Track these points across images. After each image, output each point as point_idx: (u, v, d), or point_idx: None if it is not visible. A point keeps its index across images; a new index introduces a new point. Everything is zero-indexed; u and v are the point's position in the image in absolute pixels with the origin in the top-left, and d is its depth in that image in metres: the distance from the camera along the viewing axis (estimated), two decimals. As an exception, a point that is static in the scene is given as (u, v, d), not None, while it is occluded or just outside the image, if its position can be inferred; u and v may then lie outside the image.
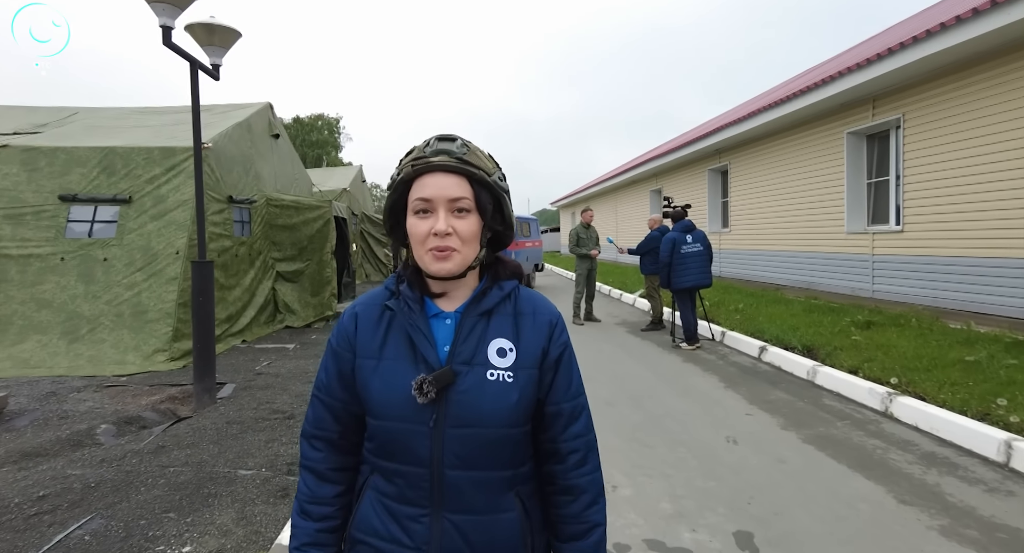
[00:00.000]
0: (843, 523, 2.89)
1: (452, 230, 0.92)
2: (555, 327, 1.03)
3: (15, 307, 6.18)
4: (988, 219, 6.84)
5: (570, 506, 1.01)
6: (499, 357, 0.96)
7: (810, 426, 4.33)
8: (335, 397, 1.01)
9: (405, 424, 0.92)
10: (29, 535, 2.54)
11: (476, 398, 0.93)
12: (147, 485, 3.09)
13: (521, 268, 1.08)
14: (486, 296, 0.99)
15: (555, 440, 1.01)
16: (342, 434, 1.02)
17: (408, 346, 0.96)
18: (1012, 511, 2.95)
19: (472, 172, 0.93)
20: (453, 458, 0.92)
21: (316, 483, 1.02)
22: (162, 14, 4.18)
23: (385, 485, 0.96)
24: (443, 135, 0.97)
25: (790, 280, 11.21)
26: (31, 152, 6.75)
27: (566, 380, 1.02)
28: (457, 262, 0.93)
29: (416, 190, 0.93)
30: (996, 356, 5.03)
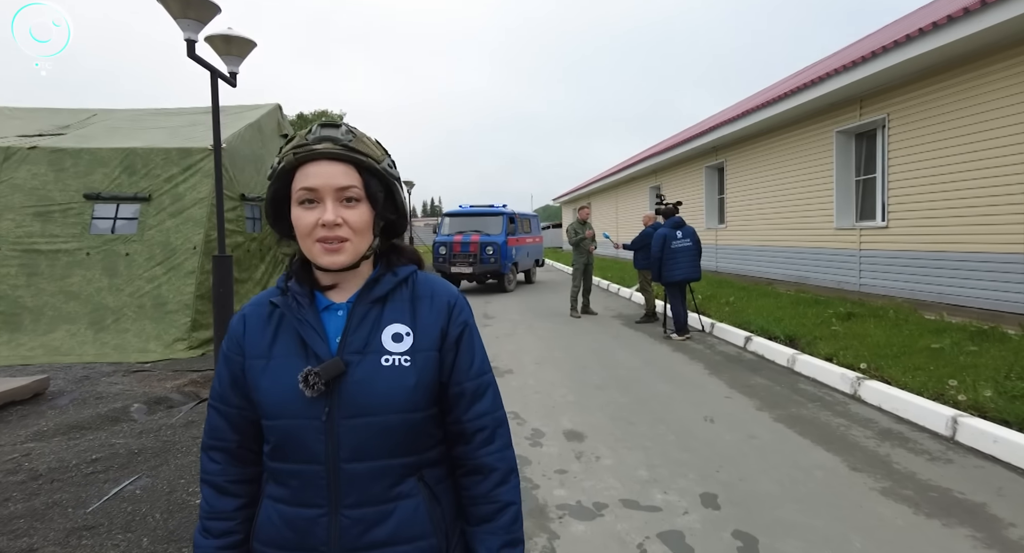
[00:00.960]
0: (798, 486, 3.27)
1: (342, 220, 0.88)
2: (454, 307, 1.00)
3: (46, 299, 6.61)
4: (965, 216, 7.17)
5: (478, 486, 0.99)
6: (395, 342, 0.94)
7: (783, 407, 4.71)
8: (230, 404, 0.97)
9: (297, 420, 0.90)
10: (90, 488, 2.95)
11: (370, 386, 0.91)
12: (182, 452, 3.50)
13: (419, 254, 1.07)
14: (379, 283, 0.97)
15: (459, 420, 0.99)
16: (240, 443, 0.98)
17: (298, 342, 0.93)
18: (947, 475, 3.33)
19: (360, 159, 0.90)
20: (349, 450, 0.90)
21: (215, 497, 0.97)
22: (187, 29, 4.57)
23: (279, 490, 0.93)
24: (326, 122, 0.93)
25: (782, 274, 11.56)
26: (58, 153, 7.17)
27: (467, 359, 1.00)
28: (350, 253, 0.90)
29: (300, 179, 0.89)
30: (960, 343, 5.40)
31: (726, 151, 13.84)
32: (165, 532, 2.58)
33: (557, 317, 9.66)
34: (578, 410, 4.66)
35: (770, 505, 3.04)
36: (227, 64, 5.36)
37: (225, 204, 7.29)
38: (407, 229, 1.08)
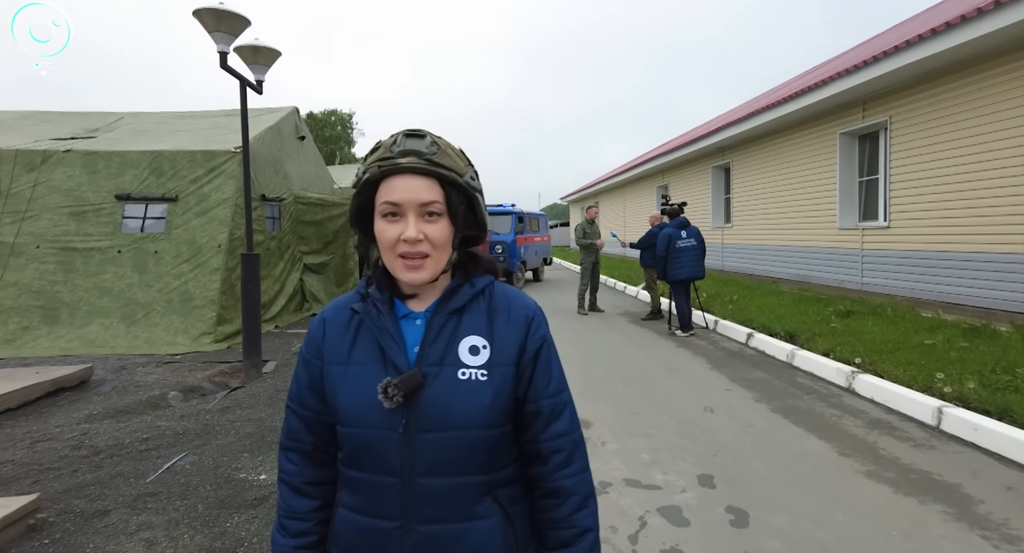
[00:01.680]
0: (789, 469, 3.54)
1: (423, 236, 0.88)
2: (532, 321, 0.99)
3: (81, 294, 6.97)
4: (963, 217, 7.38)
5: (557, 510, 0.96)
6: (471, 355, 0.92)
7: (780, 399, 4.97)
8: (307, 407, 0.98)
9: (374, 430, 0.89)
10: (144, 463, 3.28)
11: (447, 400, 0.89)
12: (222, 434, 3.82)
13: (495, 264, 1.05)
14: (456, 294, 0.96)
15: (536, 440, 0.97)
16: (316, 446, 0.98)
17: (377, 350, 0.93)
18: (928, 460, 3.59)
19: (443, 174, 0.89)
20: (424, 465, 0.89)
21: (293, 497, 0.99)
22: (220, 42, 4.89)
23: (353, 499, 0.93)
24: (411, 131, 0.92)
25: (786, 273, 11.78)
26: (91, 156, 7.53)
27: (545, 376, 0.98)
28: (430, 270, 0.90)
29: (383, 192, 0.89)
30: (952, 340, 5.63)
31: (732, 152, 14.04)
32: (216, 500, 2.89)
33: (565, 314, 9.93)
34: (586, 400, 4.94)
35: (762, 485, 3.31)
36: (254, 73, 5.67)
37: (248, 204, 7.65)
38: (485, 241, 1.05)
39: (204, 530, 2.61)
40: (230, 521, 2.70)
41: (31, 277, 6.98)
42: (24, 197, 7.27)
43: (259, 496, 2.96)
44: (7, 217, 7.16)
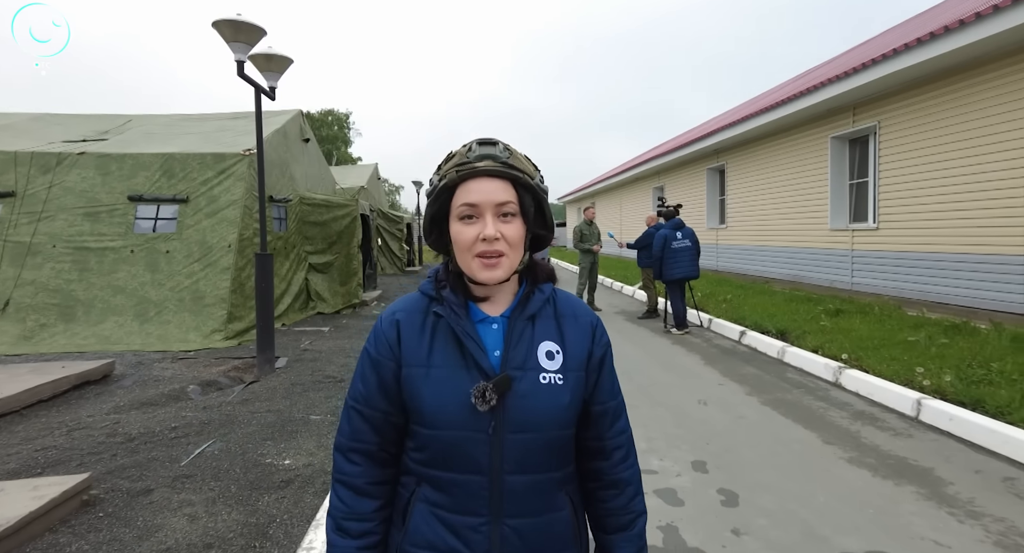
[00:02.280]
0: (777, 456, 3.79)
1: (500, 235, 0.92)
2: (596, 328, 1.05)
3: (96, 292, 7.19)
4: (947, 219, 7.67)
5: (616, 499, 1.04)
6: (548, 360, 0.97)
7: (770, 393, 5.23)
8: (375, 408, 0.99)
9: (463, 432, 0.92)
10: (176, 449, 3.52)
11: (532, 402, 0.94)
12: (244, 424, 4.06)
13: (554, 270, 1.09)
14: (530, 300, 1.00)
15: (601, 437, 1.04)
16: (381, 446, 1.01)
17: (458, 353, 0.96)
18: (906, 447, 3.85)
19: (517, 176, 0.94)
20: (512, 464, 0.93)
21: (354, 498, 1.00)
22: (238, 51, 5.12)
23: (437, 496, 0.96)
24: (484, 139, 0.97)
25: (779, 273, 12.07)
26: (104, 158, 7.74)
27: (610, 380, 1.05)
28: (506, 268, 0.94)
29: (461, 196, 0.94)
30: (933, 337, 5.91)
31: (727, 154, 14.33)
32: (246, 482, 3.13)
33: (564, 313, 10.15)
34: (585, 394, 5.18)
35: (751, 470, 3.57)
36: (267, 80, 5.90)
37: (254, 205, 7.88)
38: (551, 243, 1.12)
39: (239, 507, 2.85)
40: (261, 500, 2.94)
41: (47, 276, 7.19)
42: (40, 198, 7.48)
43: (285, 479, 3.19)
44: (24, 217, 7.37)
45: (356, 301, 10.08)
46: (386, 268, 18.64)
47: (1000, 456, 3.64)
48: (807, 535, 2.79)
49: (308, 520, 2.72)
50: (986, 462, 3.57)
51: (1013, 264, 6.71)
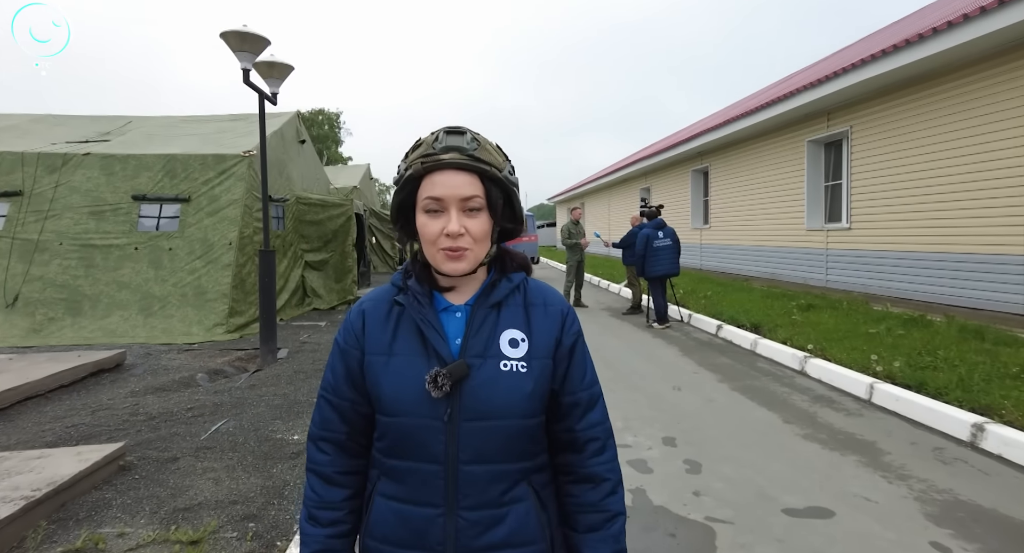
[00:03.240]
0: (740, 434, 4.20)
1: (464, 230, 0.91)
2: (567, 316, 1.03)
3: (101, 288, 7.49)
4: (911, 220, 8.15)
5: (588, 494, 1.01)
6: (511, 348, 0.96)
7: (740, 380, 5.65)
8: (343, 397, 1.00)
9: (419, 419, 0.92)
10: (194, 427, 3.87)
11: (491, 390, 0.93)
12: (254, 405, 4.41)
13: (528, 260, 1.08)
14: (496, 288, 1.00)
15: (572, 429, 1.01)
16: (350, 435, 1.01)
17: (419, 341, 0.96)
18: (855, 425, 4.28)
19: (483, 169, 0.92)
20: (469, 452, 0.92)
21: (324, 487, 1.00)
22: (244, 60, 5.46)
23: (395, 488, 0.96)
24: (451, 128, 0.95)
25: (758, 271, 12.54)
26: (108, 159, 8.04)
27: (581, 369, 1.02)
28: (470, 261, 0.93)
29: (426, 188, 0.92)
30: (892, 329, 6.36)
31: (710, 156, 14.80)
32: (261, 453, 3.49)
33: (552, 309, 10.55)
34: (569, 381, 5.57)
35: (716, 445, 3.97)
36: (270, 86, 6.25)
37: (254, 205, 8.21)
38: (521, 234, 1.12)
39: (256, 473, 3.21)
40: (276, 468, 3.30)
41: (55, 272, 7.48)
42: (47, 197, 7.76)
43: (295, 451, 3.55)
44: (31, 215, 7.65)
45: (351, 297, 10.42)
46: (378, 267, 18.94)
47: (935, 430, 4.08)
48: (758, 496, 3.19)
49: (318, 484, 3.08)
50: (922, 436, 4.01)
51: (967, 262, 7.19)
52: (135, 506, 2.76)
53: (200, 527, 2.57)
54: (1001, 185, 6.72)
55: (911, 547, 2.62)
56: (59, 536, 2.48)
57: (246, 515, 2.73)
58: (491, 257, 1.00)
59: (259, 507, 2.82)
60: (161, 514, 2.70)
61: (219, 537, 2.52)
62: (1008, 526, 2.78)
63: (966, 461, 3.56)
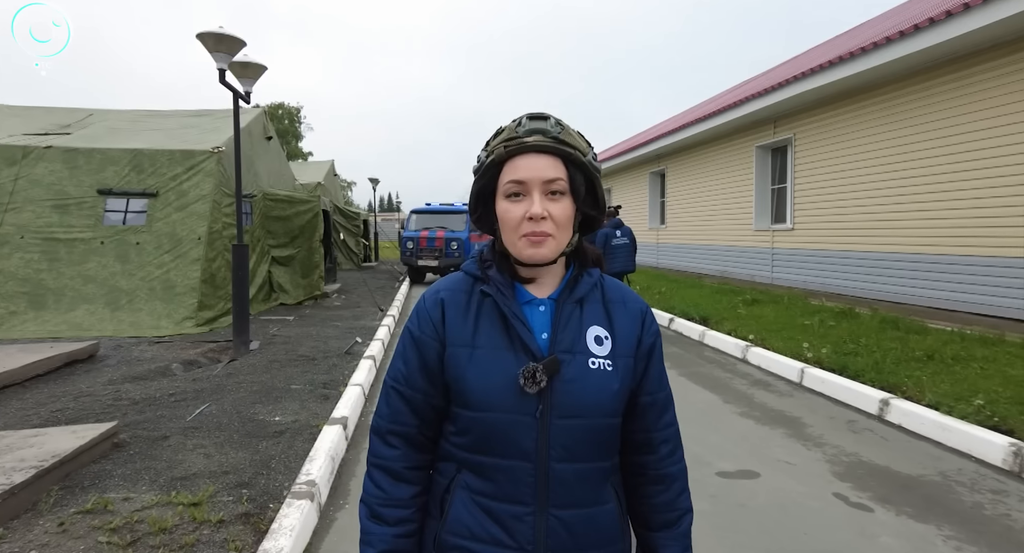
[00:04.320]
0: (683, 412, 4.57)
1: (547, 214, 0.89)
2: (646, 315, 1.01)
3: (66, 281, 7.47)
4: (844, 220, 8.87)
5: (662, 495, 1.01)
6: (597, 345, 0.94)
7: (687, 367, 6.15)
8: (416, 389, 0.97)
9: (509, 415, 0.89)
10: (178, 410, 4.08)
11: (581, 387, 0.91)
12: (233, 391, 4.64)
13: (602, 256, 1.07)
14: (579, 283, 0.97)
15: (648, 430, 1.00)
16: (420, 429, 0.98)
17: (504, 334, 0.93)
18: (786, 404, 4.80)
19: (568, 152, 0.90)
20: (560, 450, 0.90)
21: (391, 483, 0.97)
22: (220, 60, 5.64)
23: (480, 483, 0.93)
24: (535, 114, 0.93)
25: (710, 269, 13.24)
26: (71, 152, 8.00)
27: (659, 369, 1.01)
28: (552, 248, 0.90)
29: (508, 172, 0.91)
30: (824, 321, 7.00)
31: (667, 159, 15.47)
32: (245, 432, 3.75)
33: (515, 304, 10.95)
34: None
35: (662, 421, 4.43)
36: (243, 85, 6.41)
37: (223, 200, 8.32)
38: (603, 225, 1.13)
39: (243, 449, 3.47)
40: (260, 445, 3.57)
41: (16, 265, 7.43)
42: (6, 190, 7.68)
43: (278, 430, 3.82)
44: (-9, 208, 7.57)
45: (318, 292, 10.57)
46: (343, 263, 18.98)
47: (851, 406, 4.64)
48: (696, 461, 3.62)
49: (302, 458, 3.37)
50: (840, 411, 4.56)
51: (889, 260, 7.92)
52: (135, 476, 3.00)
53: (198, 492, 2.83)
54: (921, 191, 7.45)
55: (817, 497, 3.11)
56: (68, 500, 2.71)
57: (239, 483, 3.01)
58: (572, 247, 0.97)
59: (250, 476, 3.10)
60: (160, 482, 2.95)
61: (216, 500, 2.80)
62: (894, 478, 3.31)
63: (872, 430, 4.11)
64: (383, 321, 8.40)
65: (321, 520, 2.87)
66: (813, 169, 9.72)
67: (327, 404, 4.43)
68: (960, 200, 6.85)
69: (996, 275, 6.39)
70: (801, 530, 2.77)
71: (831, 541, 2.67)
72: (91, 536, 2.40)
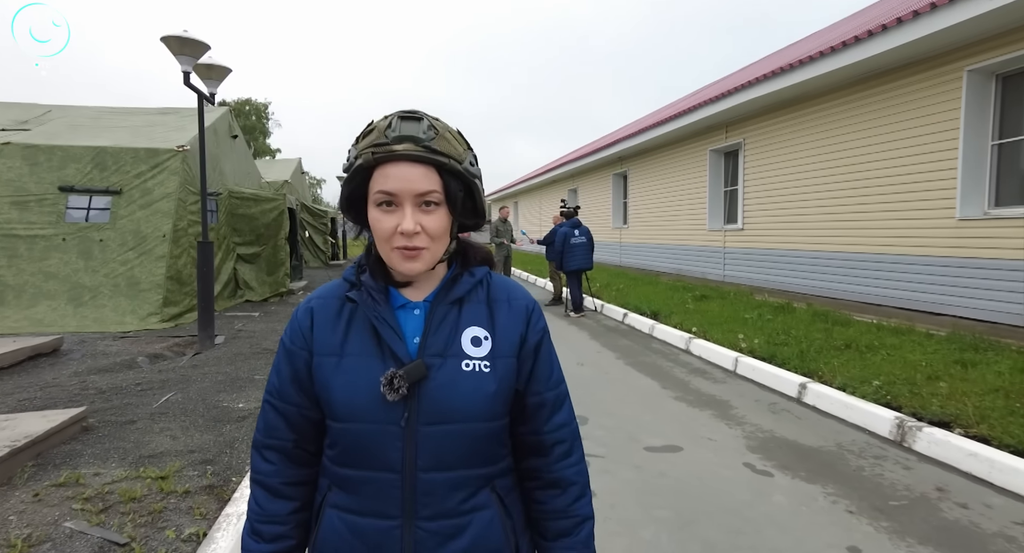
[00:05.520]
0: (625, 396, 5.06)
1: (420, 228, 0.84)
2: (532, 313, 0.98)
3: (26, 278, 7.50)
4: (788, 222, 9.44)
5: (556, 500, 0.97)
6: (474, 346, 0.91)
7: (635, 357, 6.57)
8: (289, 401, 0.93)
9: (373, 425, 0.86)
10: (144, 398, 4.29)
11: (451, 391, 0.87)
12: (199, 381, 4.85)
13: (491, 254, 1.03)
14: (457, 284, 0.94)
15: (538, 431, 0.97)
16: (297, 443, 0.95)
17: (373, 340, 0.90)
18: (718, 389, 5.23)
19: (441, 162, 0.84)
20: (428, 459, 0.87)
21: (268, 499, 0.94)
22: (184, 63, 5.81)
23: (347, 499, 0.90)
24: (406, 113, 0.87)
25: (667, 268, 13.79)
26: (31, 149, 8.00)
27: (547, 368, 0.98)
28: (427, 260, 0.87)
29: (378, 180, 0.85)
30: (763, 315, 7.51)
31: (629, 161, 15.98)
32: (210, 417, 3.99)
33: (479, 301, 11.27)
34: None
35: (604, 405, 4.80)
36: (208, 87, 6.58)
37: (189, 198, 8.44)
38: (481, 227, 1.08)
39: (208, 432, 3.71)
40: (224, 428, 3.81)
41: (-26, 262, 7.42)
42: (-36, 186, 7.66)
43: (241, 416, 4.07)
44: (-52, 205, 7.53)
45: (283, 290, 10.70)
46: (310, 261, 18.99)
47: (775, 391, 5.10)
48: (629, 439, 4.02)
49: (264, 439, 3.63)
50: (765, 395, 5.01)
51: (824, 258, 8.50)
52: (104, 455, 3.23)
53: (165, 468, 3.08)
54: (849, 195, 8.02)
55: (729, 466, 3.51)
56: (42, 476, 2.93)
57: (203, 460, 3.26)
58: (450, 253, 0.95)
59: (214, 454, 3.35)
60: (128, 460, 3.18)
61: (182, 475, 3.05)
62: (798, 449, 3.75)
63: (790, 411, 4.57)
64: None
65: (280, 492, 3.15)
66: (760, 173, 10.29)
67: (289, 392, 4.68)
68: (881, 203, 7.43)
69: (912, 272, 6.98)
70: (709, 493, 3.17)
71: (732, 501, 3.06)
72: (65, 504, 2.64)
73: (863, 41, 6.89)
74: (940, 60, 6.56)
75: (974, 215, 6.28)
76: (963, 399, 3.94)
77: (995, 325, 5.90)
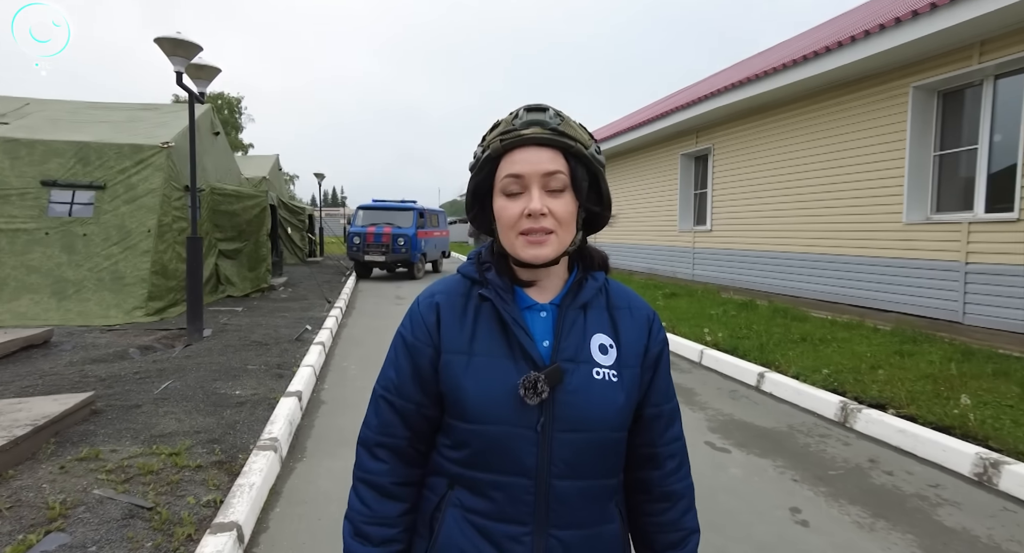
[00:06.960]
0: (599, 386, 5.43)
1: (547, 210, 0.83)
2: (653, 323, 0.96)
3: (8, 272, 7.53)
4: (753, 223, 9.97)
5: (667, 513, 0.97)
6: (601, 354, 0.89)
7: (609, 351, 6.95)
8: (408, 398, 0.91)
9: (507, 428, 0.84)
10: (144, 385, 4.49)
11: (585, 399, 0.85)
12: (194, 370, 5.05)
13: (607, 259, 1.00)
14: (583, 287, 0.92)
15: (654, 444, 0.95)
16: (411, 442, 0.92)
17: (503, 340, 0.88)
18: (684, 379, 5.64)
19: (568, 144, 0.85)
20: (562, 466, 0.85)
21: (377, 500, 0.91)
22: (177, 64, 5.98)
23: (475, 501, 0.88)
24: (532, 105, 0.88)
25: (640, 267, 14.28)
26: (11, 143, 8.02)
27: (666, 380, 0.97)
28: (553, 247, 0.85)
29: (505, 167, 0.86)
30: (728, 311, 7.99)
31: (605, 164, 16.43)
32: (210, 403, 4.22)
33: (458, 298, 11.56)
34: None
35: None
36: (198, 86, 6.74)
37: (173, 194, 8.55)
38: (608, 223, 1.00)
39: (210, 416, 3.96)
40: (225, 412, 4.06)
41: (-45, 255, 7.42)
42: (-56, 180, 7.64)
43: (239, 402, 4.31)
44: (-72, 198, 7.51)
45: (264, 285, 10.83)
46: (288, 258, 19.00)
47: (736, 380, 5.54)
48: (602, 422, 4.40)
49: (263, 422, 3.88)
50: (727, 384, 5.45)
51: (783, 258, 9.04)
52: (117, 435, 3.46)
53: (176, 445, 3.33)
54: (808, 198, 8.56)
55: (690, 444, 3.81)
56: (63, 452, 3.15)
57: (210, 440, 3.51)
58: (575, 247, 0.92)
59: (219, 435, 3.61)
60: (141, 439, 3.42)
61: (192, 452, 3.30)
62: (756, 430, 4.17)
63: (748, 398, 5.00)
64: (331, 312, 8.83)
65: (283, 468, 3.42)
66: (728, 176, 10.82)
67: (282, 381, 4.93)
68: (836, 207, 7.97)
69: (864, 272, 7.53)
70: (672, 465, 3.55)
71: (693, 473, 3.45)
72: (90, 476, 2.88)
73: (821, 56, 7.40)
74: (889, 76, 7.11)
75: (918, 220, 6.84)
76: (898, 384, 4.42)
77: (934, 320, 6.45)
